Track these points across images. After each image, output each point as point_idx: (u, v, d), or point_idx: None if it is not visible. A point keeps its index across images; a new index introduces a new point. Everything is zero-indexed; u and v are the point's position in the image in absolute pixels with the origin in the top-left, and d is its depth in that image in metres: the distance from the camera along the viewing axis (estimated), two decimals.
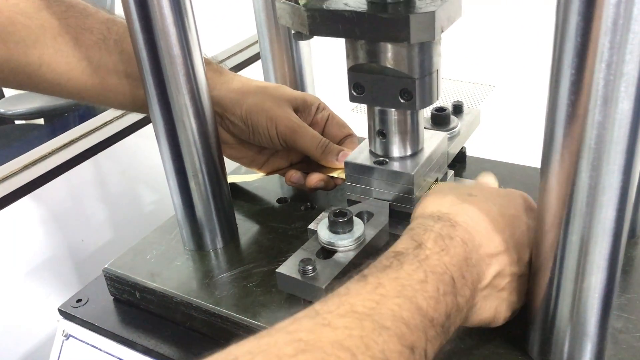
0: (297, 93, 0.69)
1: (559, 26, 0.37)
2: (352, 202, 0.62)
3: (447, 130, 0.70)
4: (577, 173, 0.39)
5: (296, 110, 0.68)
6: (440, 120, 0.70)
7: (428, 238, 0.44)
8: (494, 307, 0.48)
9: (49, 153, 0.87)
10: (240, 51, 1.02)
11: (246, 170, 0.79)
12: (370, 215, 0.58)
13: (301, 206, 0.72)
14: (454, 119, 0.71)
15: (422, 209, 0.50)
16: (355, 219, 0.54)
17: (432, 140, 0.62)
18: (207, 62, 0.64)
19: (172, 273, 0.63)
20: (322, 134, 0.69)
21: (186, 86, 0.58)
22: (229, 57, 1.01)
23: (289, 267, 0.52)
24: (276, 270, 0.53)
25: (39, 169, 0.84)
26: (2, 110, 1.55)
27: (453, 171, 0.68)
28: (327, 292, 0.47)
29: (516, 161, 0.76)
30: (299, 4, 0.54)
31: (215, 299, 0.59)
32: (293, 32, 0.57)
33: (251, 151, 0.71)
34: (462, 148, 0.75)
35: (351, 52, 0.55)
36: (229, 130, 0.68)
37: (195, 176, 0.62)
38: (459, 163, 0.76)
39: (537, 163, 0.44)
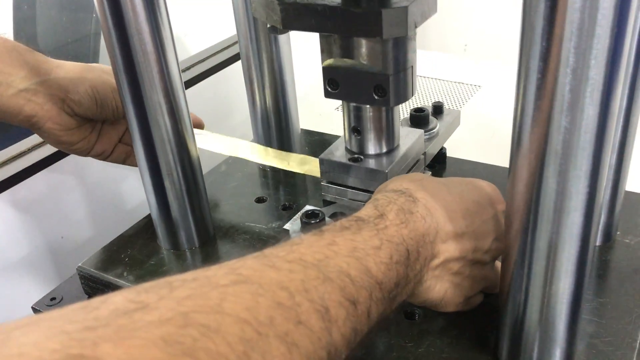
0: None
1: (524, 30, 0.36)
2: (327, 203, 0.62)
3: (426, 132, 0.69)
4: (543, 178, 0.39)
5: None
6: (419, 120, 0.70)
7: (390, 210, 0.45)
8: (443, 289, 0.48)
9: (28, 149, 0.86)
10: (220, 51, 1.01)
11: (225, 168, 0.79)
12: (344, 216, 0.57)
13: (279, 206, 0.72)
14: (433, 120, 0.71)
15: (385, 186, 0.51)
16: (329, 220, 0.54)
17: (408, 138, 0.62)
18: (31, 51, 0.64)
19: (145, 273, 0.63)
20: None
21: (160, 84, 0.58)
22: (209, 57, 1.00)
23: None
24: None
25: (19, 164, 0.83)
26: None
27: (430, 172, 0.68)
28: None
29: (499, 163, 0.76)
30: None
31: None
32: (268, 26, 0.56)
33: (87, 131, 0.70)
34: (442, 149, 0.75)
35: (325, 47, 0.55)
36: (73, 112, 0.66)
37: (170, 175, 0.62)
38: (438, 164, 0.76)
39: None
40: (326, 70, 0.56)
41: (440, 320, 0.53)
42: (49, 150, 0.86)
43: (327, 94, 0.57)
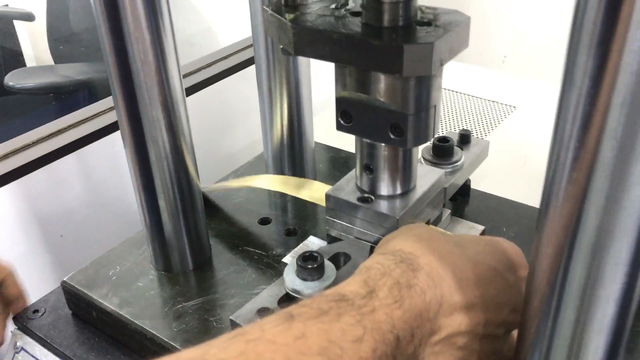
0: None
1: (565, 85, 0.31)
2: (332, 238, 0.56)
3: (449, 164, 0.63)
4: (571, 261, 0.33)
5: None
6: (442, 152, 0.63)
7: (383, 285, 0.38)
8: None
9: (32, 143, 0.83)
10: (236, 53, 0.96)
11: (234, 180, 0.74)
12: (348, 257, 0.52)
13: (284, 230, 0.66)
14: (457, 151, 0.65)
15: (386, 243, 0.44)
16: (328, 263, 0.49)
17: (426, 179, 0.56)
18: None
19: (131, 295, 0.58)
20: None
21: (159, 97, 0.53)
22: (221, 59, 0.95)
23: (244, 316, 0.47)
24: (230, 317, 0.47)
25: (19, 159, 0.80)
26: (10, 84, 1.51)
27: (450, 211, 0.61)
28: None
29: (527, 201, 0.69)
30: (286, 18, 0.48)
31: (171, 332, 0.54)
32: (280, 47, 0.51)
33: None
34: (466, 180, 0.69)
35: (340, 78, 0.49)
36: None
37: (166, 194, 0.57)
38: (461, 196, 0.70)
39: None
40: (339, 102, 0.50)
41: None
42: (51, 146, 0.82)
43: (339, 127, 0.51)
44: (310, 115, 0.72)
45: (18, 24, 1.99)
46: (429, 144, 0.65)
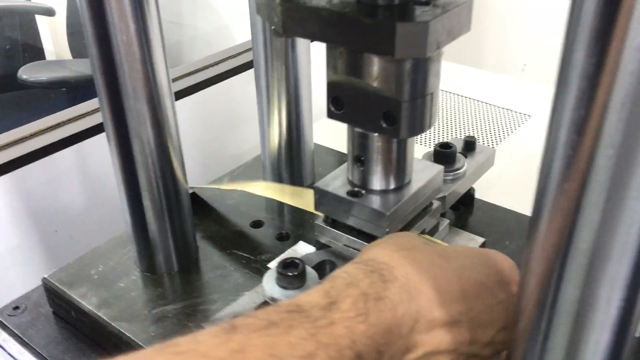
0: None
1: (558, 86, 0.27)
2: (321, 245, 0.54)
3: (451, 171, 0.60)
4: (562, 280, 0.30)
5: None
6: (444, 158, 0.60)
7: (347, 296, 0.34)
8: None
9: (30, 135, 0.81)
10: (233, 57, 0.93)
11: (229, 181, 0.72)
12: (334, 266, 0.49)
13: (276, 234, 0.64)
14: (460, 158, 0.61)
15: (363, 252, 0.41)
16: (310, 271, 0.46)
17: (423, 174, 0.52)
18: None
19: (111, 296, 0.56)
20: None
21: (144, 91, 0.51)
22: (222, 61, 0.92)
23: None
24: (202, 325, 0.45)
25: (15, 151, 0.78)
26: (24, 77, 1.51)
27: (448, 221, 0.58)
28: None
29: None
30: None
31: (148, 337, 0.51)
32: (272, 27, 0.48)
33: None
34: (469, 189, 0.65)
35: (331, 60, 0.46)
36: None
37: (150, 192, 0.55)
38: (464, 206, 0.67)
39: None
40: (330, 87, 0.47)
41: None
42: (49, 139, 0.81)
43: (330, 114, 0.48)
44: (310, 116, 0.70)
45: (40, 19, 2.01)
46: (430, 149, 0.62)
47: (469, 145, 0.64)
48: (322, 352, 0.31)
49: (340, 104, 0.47)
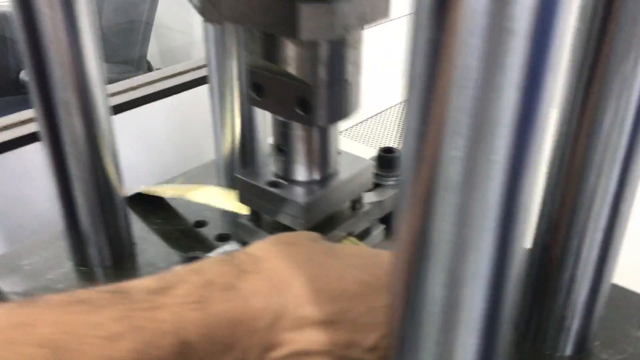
0: None
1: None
2: (245, 243, 0.52)
3: (393, 177, 0.59)
4: (420, 273, 0.28)
5: None
6: (387, 163, 0.59)
7: (187, 282, 0.32)
8: None
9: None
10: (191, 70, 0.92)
11: (183, 182, 0.71)
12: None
13: (217, 234, 0.63)
14: None
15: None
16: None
17: (350, 167, 0.51)
18: None
19: (37, 287, 0.56)
20: None
21: (72, 77, 0.50)
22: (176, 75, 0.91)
23: None
24: None
25: None
26: (26, 79, 1.53)
27: (384, 226, 0.56)
28: None
29: None
30: None
31: None
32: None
33: None
34: None
35: (249, 44, 0.45)
36: None
37: (81, 184, 0.54)
38: None
39: None
40: (251, 73, 0.46)
41: None
42: (15, 133, 0.81)
43: (251, 101, 0.47)
44: (264, 115, 0.69)
45: None
46: (373, 154, 0.60)
47: None
48: (133, 334, 0.30)
49: (261, 90, 0.46)
